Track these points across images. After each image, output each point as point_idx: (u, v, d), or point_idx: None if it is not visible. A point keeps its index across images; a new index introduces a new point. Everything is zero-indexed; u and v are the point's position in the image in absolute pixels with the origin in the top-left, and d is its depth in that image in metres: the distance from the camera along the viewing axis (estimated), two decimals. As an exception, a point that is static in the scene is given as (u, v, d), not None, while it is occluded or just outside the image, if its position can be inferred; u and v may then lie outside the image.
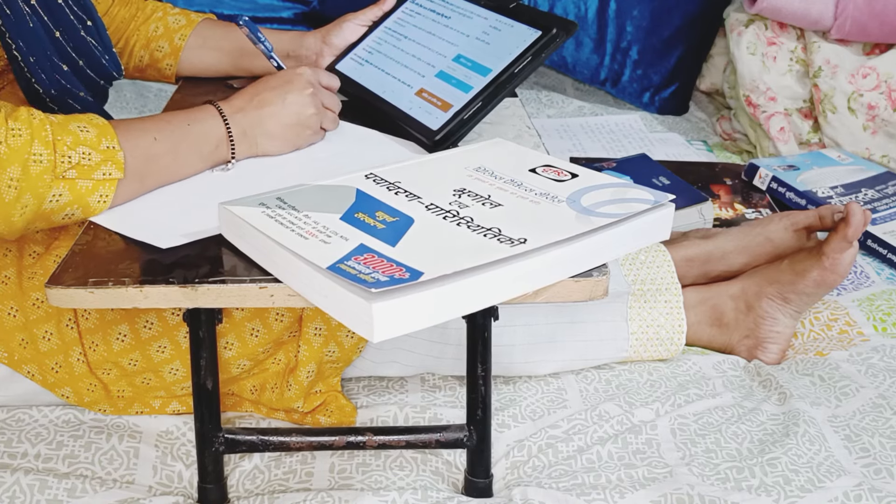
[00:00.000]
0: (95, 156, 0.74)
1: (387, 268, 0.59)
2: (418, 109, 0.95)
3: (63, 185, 0.73)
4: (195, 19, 1.10)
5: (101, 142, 0.75)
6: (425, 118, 0.93)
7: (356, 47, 1.09)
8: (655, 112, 1.81)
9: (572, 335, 0.99)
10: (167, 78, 1.11)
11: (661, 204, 0.70)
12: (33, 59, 0.83)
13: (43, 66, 0.84)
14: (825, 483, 0.82)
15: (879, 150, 1.49)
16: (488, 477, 0.83)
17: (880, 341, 1.03)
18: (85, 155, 0.73)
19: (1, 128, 0.70)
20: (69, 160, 0.72)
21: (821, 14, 1.48)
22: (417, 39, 1.04)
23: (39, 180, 0.71)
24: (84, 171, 0.73)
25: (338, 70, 1.07)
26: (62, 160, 0.72)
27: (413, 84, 0.98)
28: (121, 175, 0.75)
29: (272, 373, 0.92)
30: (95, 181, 0.74)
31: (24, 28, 0.82)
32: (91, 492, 0.81)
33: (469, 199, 0.71)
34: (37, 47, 0.83)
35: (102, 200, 0.75)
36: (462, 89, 0.93)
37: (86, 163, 0.73)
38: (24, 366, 0.88)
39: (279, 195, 0.71)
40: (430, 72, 0.98)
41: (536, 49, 0.92)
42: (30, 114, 0.73)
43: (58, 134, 0.73)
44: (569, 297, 0.67)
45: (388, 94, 0.99)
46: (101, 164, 0.74)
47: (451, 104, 0.93)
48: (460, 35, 1.00)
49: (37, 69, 0.84)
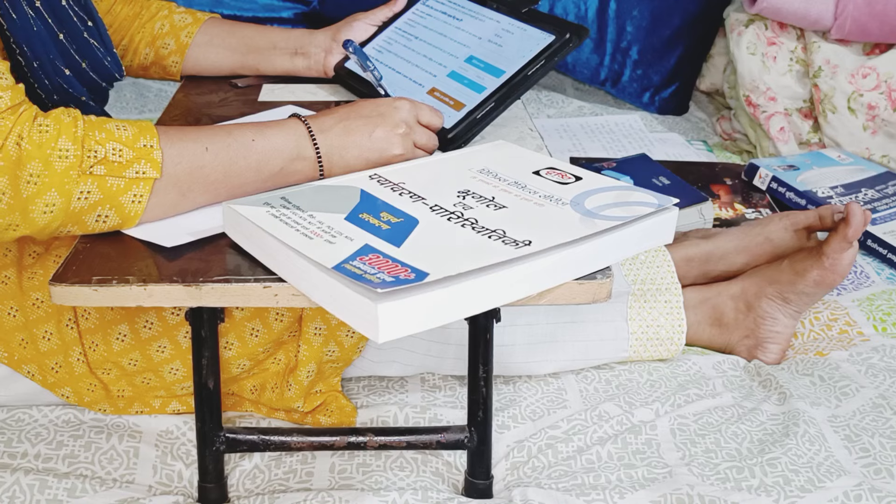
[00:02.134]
0: (128, 152, 0.70)
1: (392, 268, 0.59)
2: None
3: (91, 181, 0.69)
4: (201, 17, 1.10)
5: (139, 140, 0.71)
6: None
7: (366, 46, 1.09)
8: (655, 112, 1.81)
9: (572, 335, 0.99)
10: (172, 75, 1.11)
11: (664, 207, 0.70)
12: (37, 64, 0.82)
13: (46, 70, 0.83)
14: (825, 483, 0.82)
15: (879, 150, 1.49)
16: (489, 478, 0.83)
17: (880, 341, 1.03)
18: (115, 151, 0.70)
19: (26, 125, 0.68)
20: (95, 155, 0.69)
21: (821, 14, 1.48)
22: (428, 40, 1.04)
23: (65, 176, 0.68)
24: (114, 167, 0.69)
25: (348, 68, 1.07)
26: (89, 155, 0.68)
27: (425, 83, 0.98)
28: (157, 175, 0.71)
29: (272, 373, 0.92)
30: (128, 179, 0.70)
31: (29, 32, 0.80)
32: (91, 492, 0.81)
33: (473, 200, 0.71)
34: (41, 51, 0.82)
35: (137, 200, 0.71)
36: (475, 89, 0.94)
37: (115, 159, 0.69)
38: (24, 366, 0.87)
39: (284, 195, 0.71)
40: (442, 72, 0.98)
41: (550, 53, 0.92)
42: (64, 112, 0.70)
43: (89, 130, 0.69)
44: (572, 300, 0.68)
45: (399, 93, 0.99)
46: (133, 161, 0.70)
47: (463, 104, 0.93)
48: (472, 37, 1.00)
49: (40, 74, 0.82)
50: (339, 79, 1.09)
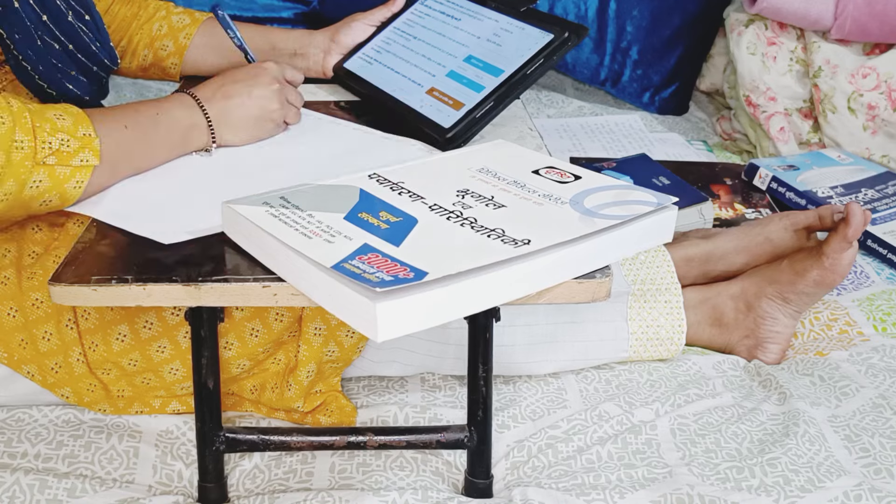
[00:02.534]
0: (74, 142, 0.75)
1: (391, 267, 0.59)
2: (429, 108, 0.95)
3: (43, 171, 0.74)
4: (199, 18, 1.10)
5: (78, 129, 0.76)
6: (437, 116, 0.93)
7: (365, 46, 1.09)
8: (655, 112, 1.81)
9: (572, 335, 0.99)
10: (171, 76, 1.11)
11: (664, 206, 0.70)
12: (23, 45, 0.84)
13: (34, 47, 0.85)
14: (825, 483, 0.82)
15: (879, 150, 1.49)
16: (489, 477, 0.83)
17: (880, 341, 1.03)
18: (64, 142, 0.75)
19: None
20: (49, 146, 0.74)
21: (821, 14, 1.48)
22: (427, 40, 1.04)
23: (21, 166, 0.72)
24: (63, 157, 0.75)
25: (347, 68, 1.07)
26: (42, 146, 0.73)
27: (424, 83, 0.98)
28: (97, 162, 0.77)
29: (272, 373, 0.92)
30: (73, 167, 0.75)
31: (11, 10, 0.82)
32: (91, 491, 0.81)
33: (472, 199, 0.71)
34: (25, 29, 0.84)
35: (77, 187, 0.76)
36: (474, 89, 0.94)
37: (65, 149, 0.75)
38: (24, 366, 0.87)
39: (283, 194, 0.71)
40: (441, 71, 0.98)
41: (549, 52, 0.92)
42: (6, 101, 0.73)
43: (36, 121, 0.74)
44: (571, 299, 0.68)
45: (398, 93, 0.99)
46: (79, 150, 0.75)
47: (462, 103, 0.93)
48: (471, 36, 1.00)
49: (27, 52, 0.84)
50: (338, 79, 1.09)
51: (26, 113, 0.73)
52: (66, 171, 0.75)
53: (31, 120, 0.73)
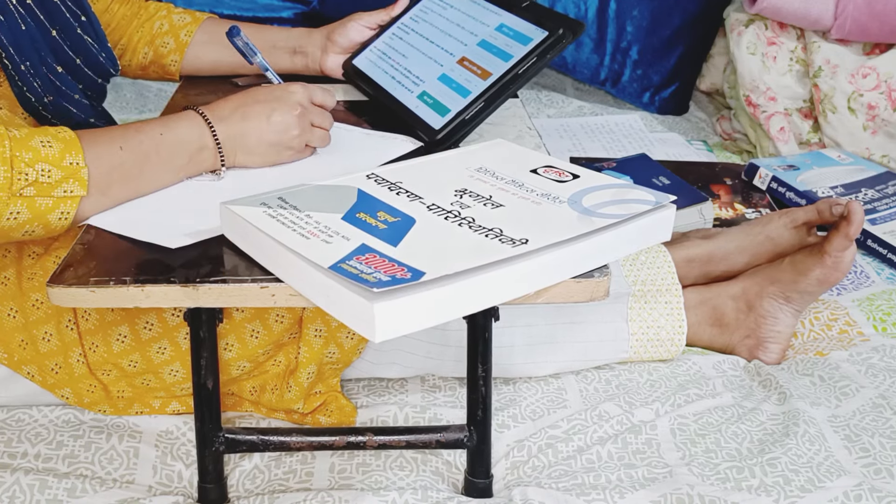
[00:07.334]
0: (56, 172, 0.71)
1: (388, 268, 0.59)
2: (422, 108, 0.95)
3: (21, 202, 0.70)
4: (200, 17, 1.10)
5: (65, 158, 0.72)
6: (428, 117, 0.93)
7: (373, 43, 1.08)
8: (655, 112, 1.81)
9: (572, 336, 0.99)
10: (171, 75, 1.11)
11: (662, 205, 0.70)
12: (25, 68, 0.82)
13: (38, 71, 0.83)
14: (825, 483, 0.82)
15: (879, 150, 1.49)
16: (488, 477, 0.83)
17: (880, 341, 1.03)
18: (44, 172, 0.71)
19: None
20: (26, 178, 0.70)
21: (821, 14, 1.48)
22: (426, 39, 1.04)
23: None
24: (43, 188, 0.71)
25: (355, 65, 1.07)
26: (19, 177, 0.69)
27: (421, 82, 0.98)
28: (83, 192, 0.73)
29: (272, 374, 0.92)
30: (56, 199, 0.72)
31: (17, 32, 0.80)
32: (91, 492, 0.81)
33: (470, 199, 0.71)
34: (30, 51, 0.82)
35: (64, 218, 0.73)
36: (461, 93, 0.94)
37: (45, 180, 0.71)
38: (24, 367, 0.87)
39: (280, 195, 0.71)
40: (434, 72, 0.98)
41: (542, 49, 0.91)
42: None
43: (17, 150, 0.70)
44: (570, 298, 0.67)
45: (397, 92, 0.99)
46: (62, 181, 0.72)
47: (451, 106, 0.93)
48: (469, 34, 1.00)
49: (27, 76, 0.82)
50: (347, 76, 1.09)
51: (6, 141, 0.70)
52: (48, 202, 0.71)
53: (11, 148, 0.70)
